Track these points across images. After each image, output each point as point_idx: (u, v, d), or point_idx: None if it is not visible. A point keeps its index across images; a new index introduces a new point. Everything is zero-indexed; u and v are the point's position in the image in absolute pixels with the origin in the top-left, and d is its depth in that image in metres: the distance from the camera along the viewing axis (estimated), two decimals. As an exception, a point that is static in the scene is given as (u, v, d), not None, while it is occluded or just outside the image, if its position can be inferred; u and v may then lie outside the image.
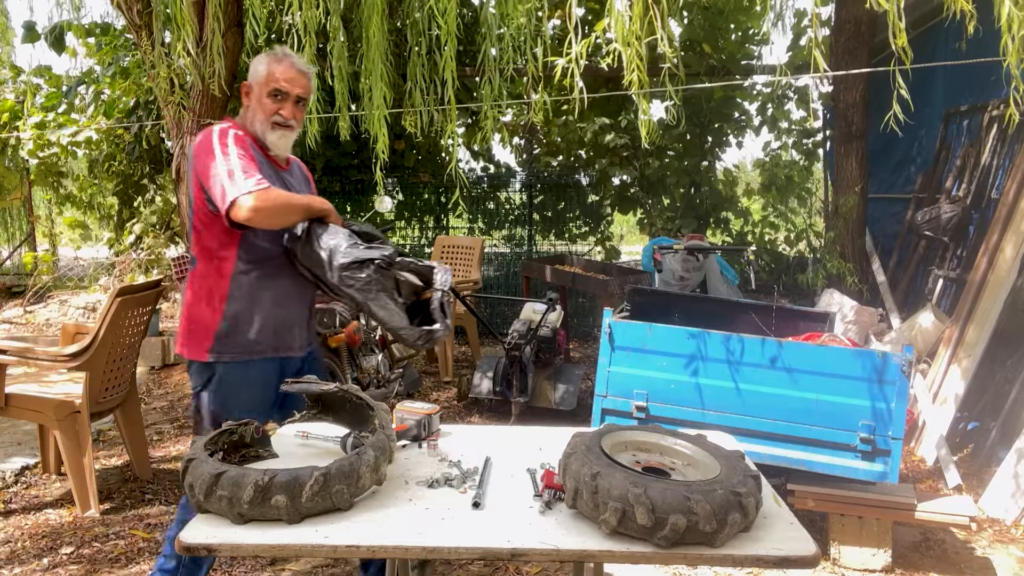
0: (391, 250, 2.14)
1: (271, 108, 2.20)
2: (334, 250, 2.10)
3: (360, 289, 2.10)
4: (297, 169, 2.44)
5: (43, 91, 8.36)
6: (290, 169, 2.38)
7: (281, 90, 2.20)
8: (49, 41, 7.67)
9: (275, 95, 2.20)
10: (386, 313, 2.12)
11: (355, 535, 1.36)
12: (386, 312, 2.12)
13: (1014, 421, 3.84)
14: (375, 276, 2.08)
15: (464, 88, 7.03)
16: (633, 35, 2.78)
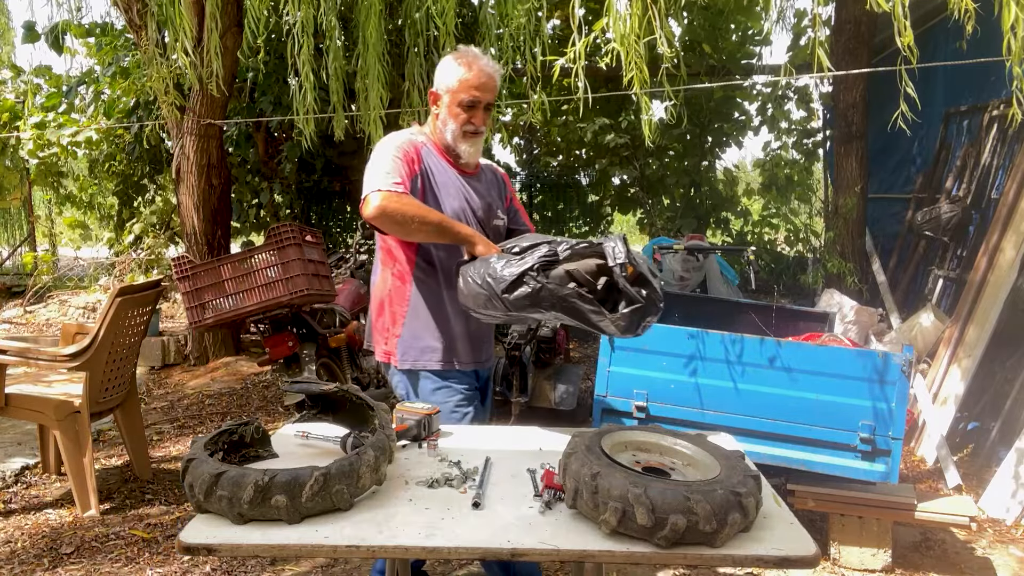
0: (546, 247, 1.88)
1: (463, 118, 2.14)
2: (490, 279, 1.86)
3: (535, 306, 1.82)
4: (488, 173, 2.36)
5: (43, 91, 8.36)
6: (478, 174, 2.30)
7: (473, 100, 2.13)
8: (49, 41, 7.67)
9: (467, 105, 2.13)
10: (580, 316, 1.82)
11: (355, 535, 1.36)
12: (579, 315, 1.82)
13: (1014, 421, 3.84)
14: (541, 283, 1.80)
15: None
16: (632, 35, 2.78)
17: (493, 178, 2.37)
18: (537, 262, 1.83)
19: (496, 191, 2.34)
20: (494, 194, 2.32)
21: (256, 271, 3.52)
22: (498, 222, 2.31)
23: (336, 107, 4.08)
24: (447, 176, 2.19)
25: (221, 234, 6.04)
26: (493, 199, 2.31)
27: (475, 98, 2.13)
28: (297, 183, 8.02)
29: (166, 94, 5.05)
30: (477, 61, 2.14)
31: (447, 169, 2.20)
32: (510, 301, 1.82)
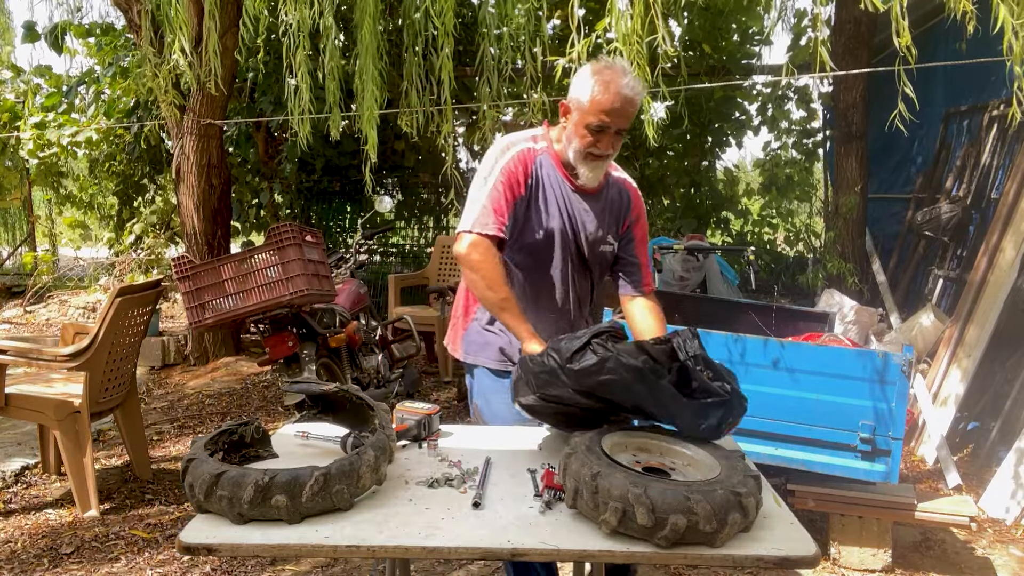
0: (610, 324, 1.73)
1: (588, 140, 1.97)
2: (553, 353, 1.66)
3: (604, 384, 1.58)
4: (614, 192, 2.16)
5: (43, 91, 8.36)
6: (600, 193, 2.12)
7: (601, 125, 1.94)
8: (49, 41, 7.67)
9: (595, 129, 1.95)
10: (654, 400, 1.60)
11: (355, 535, 1.36)
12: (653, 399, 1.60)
13: (1014, 421, 3.84)
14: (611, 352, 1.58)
15: (464, 88, 7.03)
16: (634, 34, 2.78)
17: (617, 198, 2.16)
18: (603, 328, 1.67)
19: (615, 213, 2.15)
20: (610, 217, 2.13)
21: (256, 271, 3.51)
22: (606, 248, 2.15)
23: (332, 107, 4.08)
24: (556, 193, 2.06)
25: (221, 234, 6.04)
26: (606, 223, 2.12)
27: (604, 123, 1.94)
28: (297, 183, 8.02)
29: (165, 93, 5.05)
30: (616, 80, 1.92)
31: (559, 185, 2.07)
32: (575, 372, 1.59)
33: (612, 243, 2.16)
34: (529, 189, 2.05)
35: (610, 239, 2.15)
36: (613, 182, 2.17)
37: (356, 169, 7.82)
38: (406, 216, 8.37)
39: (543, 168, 2.07)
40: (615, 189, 2.17)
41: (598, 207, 2.11)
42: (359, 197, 8.11)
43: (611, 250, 2.17)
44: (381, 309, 6.63)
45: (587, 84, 1.94)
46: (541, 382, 1.68)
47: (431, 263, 6.68)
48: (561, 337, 1.70)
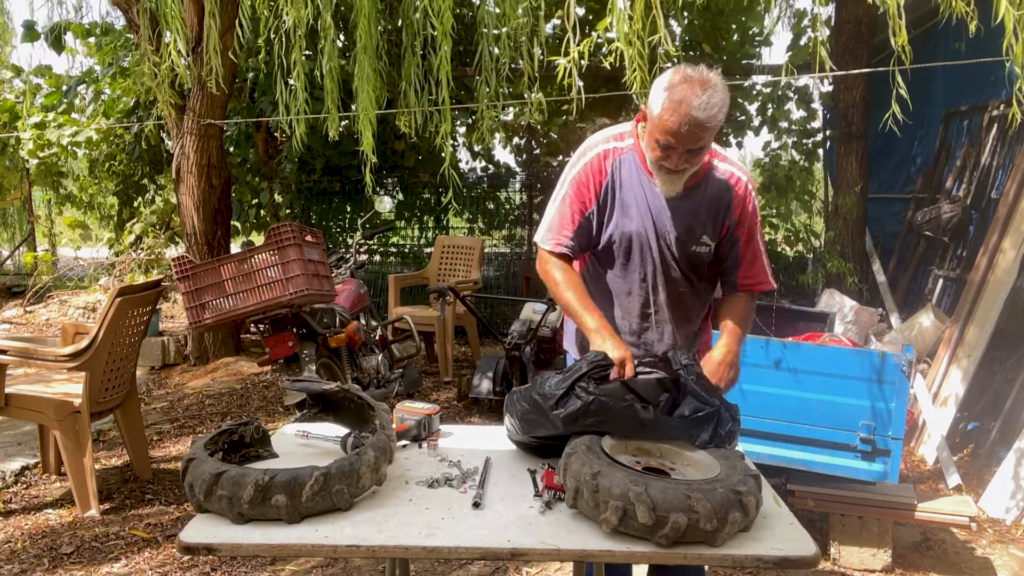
0: (598, 355, 1.70)
1: (657, 155, 1.86)
2: (538, 396, 1.66)
3: (591, 425, 1.59)
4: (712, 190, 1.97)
5: (43, 91, 8.36)
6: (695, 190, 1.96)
7: (667, 144, 1.82)
8: (49, 41, 7.67)
9: (662, 146, 1.83)
10: (642, 432, 1.63)
11: (355, 535, 1.36)
12: (641, 431, 1.62)
13: (1014, 421, 3.84)
14: (593, 395, 1.58)
15: (464, 88, 7.03)
16: (634, 34, 2.79)
17: (716, 196, 1.97)
18: (588, 368, 1.64)
19: (712, 212, 1.97)
20: (705, 216, 1.97)
21: (256, 271, 3.51)
22: (700, 249, 1.99)
23: (330, 107, 4.08)
24: (636, 193, 1.97)
25: (221, 234, 6.04)
26: (700, 222, 1.97)
27: (669, 143, 1.81)
28: (297, 183, 8.02)
29: (161, 91, 5.05)
30: (688, 100, 1.75)
31: (642, 185, 1.97)
32: (561, 419, 1.59)
33: (708, 243, 1.99)
34: (603, 195, 1.98)
35: (705, 239, 1.99)
36: (715, 178, 1.97)
37: (356, 169, 7.82)
38: (406, 216, 8.37)
39: (623, 167, 1.98)
40: (716, 186, 1.97)
41: (689, 206, 1.96)
42: (359, 197, 8.10)
43: (706, 251, 2.00)
44: (381, 309, 6.63)
45: (659, 97, 1.81)
46: (529, 423, 1.71)
47: (431, 263, 6.69)
48: (548, 377, 1.69)
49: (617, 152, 2.00)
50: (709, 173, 1.97)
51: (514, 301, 7.01)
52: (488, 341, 6.98)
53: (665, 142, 1.81)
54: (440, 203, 8.20)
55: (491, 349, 6.72)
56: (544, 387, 1.66)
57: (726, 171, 1.98)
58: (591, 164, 2.00)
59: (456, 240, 6.92)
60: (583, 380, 1.62)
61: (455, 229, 8.44)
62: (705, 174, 1.97)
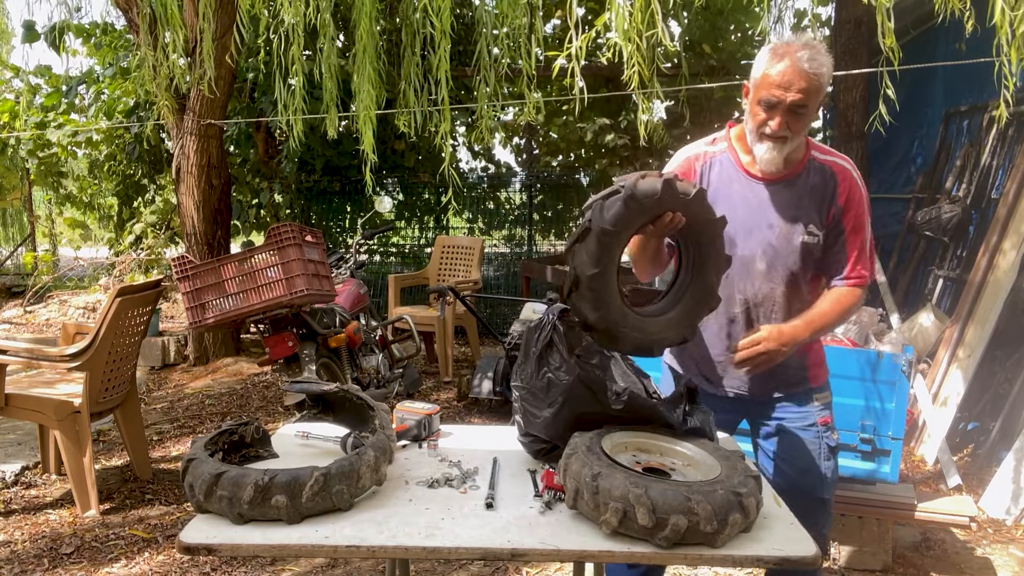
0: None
1: (760, 119, 1.84)
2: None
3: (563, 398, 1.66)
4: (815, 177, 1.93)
5: (43, 91, 8.36)
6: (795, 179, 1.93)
7: (771, 100, 1.80)
8: (49, 41, 7.67)
9: (766, 105, 1.82)
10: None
11: (355, 535, 1.36)
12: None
13: (1014, 421, 3.84)
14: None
15: (464, 88, 7.03)
16: (634, 30, 2.78)
17: (820, 183, 1.93)
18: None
19: (816, 201, 1.92)
20: (809, 205, 1.92)
21: (256, 271, 3.51)
22: (807, 239, 1.92)
23: (329, 107, 4.08)
24: (727, 188, 1.94)
25: (221, 234, 6.04)
26: (805, 211, 1.92)
27: (775, 98, 1.79)
28: (297, 183, 8.02)
29: (164, 91, 5.05)
30: (792, 53, 1.78)
31: (734, 179, 1.94)
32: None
33: (816, 233, 1.92)
34: None
35: (813, 229, 1.92)
36: (817, 166, 1.93)
37: (356, 169, 7.82)
38: (406, 216, 8.37)
39: (714, 169, 1.97)
40: (818, 174, 1.93)
41: (790, 196, 1.92)
42: (359, 197, 8.10)
43: (815, 242, 1.92)
44: (381, 309, 6.63)
45: (761, 59, 1.84)
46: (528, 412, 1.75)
47: (431, 263, 6.69)
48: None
49: (708, 155, 1.99)
50: (811, 163, 1.93)
51: (514, 301, 7.01)
52: (488, 341, 6.98)
53: (768, 97, 1.80)
54: (440, 203, 8.20)
55: (491, 349, 6.72)
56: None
57: (829, 160, 1.95)
58: (679, 167, 2.01)
59: (456, 240, 6.92)
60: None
61: (455, 229, 8.44)
62: (807, 164, 1.93)
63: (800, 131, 1.84)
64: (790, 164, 1.91)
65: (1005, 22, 2.50)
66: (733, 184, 1.94)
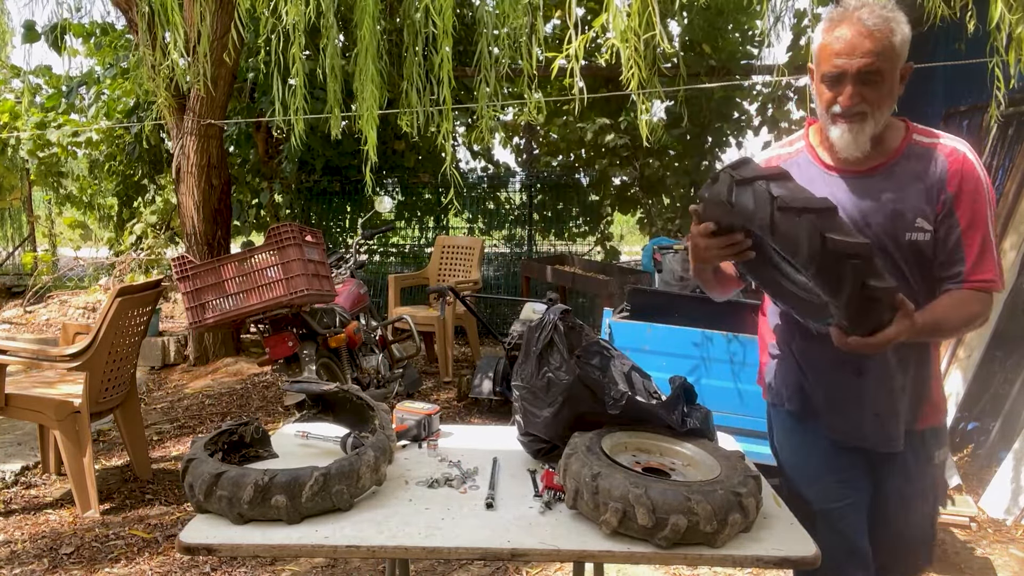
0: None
1: (827, 97, 1.60)
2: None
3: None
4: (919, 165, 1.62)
5: (43, 91, 8.36)
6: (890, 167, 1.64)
7: (834, 72, 1.57)
8: (49, 41, 7.67)
9: (831, 80, 1.59)
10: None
11: (355, 535, 1.36)
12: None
13: (1014, 421, 3.84)
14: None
15: (464, 88, 7.03)
16: (631, 31, 2.78)
17: (925, 170, 1.62)
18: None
19: (924, 190, 1.61)
20: (915, 195, 1.61)
21: (256, 271, 3.52)
22: (917, 237, 1.61)
23: (332, 107, 4.08)
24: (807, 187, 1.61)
25: (221, 234, 6.04)
26: (910, 204, 1.61)
27: (837, 68, 1.56)
28: (297, 183, 8.02)
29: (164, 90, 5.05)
30: (849, 15, 1.55)
31: (815, 178, 1.67)
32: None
33: (927, 229, 1.61)
34: None
35: (922, 224, 1.60)
36: (919, 151, 1.64)
37: (356, 169, 7.83)
38: (406, 216, 8.38)
39: (793, 167, 1.71)
40: (925, 159, 1.63)
41: (888, 187, 1.62)
42: (359, 197, 8.11)
43: (927, 239, 1.61)
44: (381, 309, 6.63)
45: (818, 31, 1.63)
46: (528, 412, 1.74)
47: (431, 263, 6.69)
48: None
49: (782, 158, 1.77)
50: (911, 148, 1.65)
51: (514, 301, 7.01)
52: (488, 341, 6.98)
53: (831, 70, 1.57)
54: (440, 203, 8.20)
55: (491, 349, 6.72)
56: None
57: (938, 143, 1.65)
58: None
59: (456, 240, 6.92)
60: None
61: (455, 229, 8.44)
62: (905, 148, 1.65)
63: (880, 103, 1.57)
64: (884, 150, 1.65)
65: (1004, 24, 2.51)
66: (815, 184, 1.63)
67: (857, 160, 1.64)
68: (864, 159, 1.64)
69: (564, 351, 1.65)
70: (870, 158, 1.64)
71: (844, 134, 1.60)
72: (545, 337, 1.68)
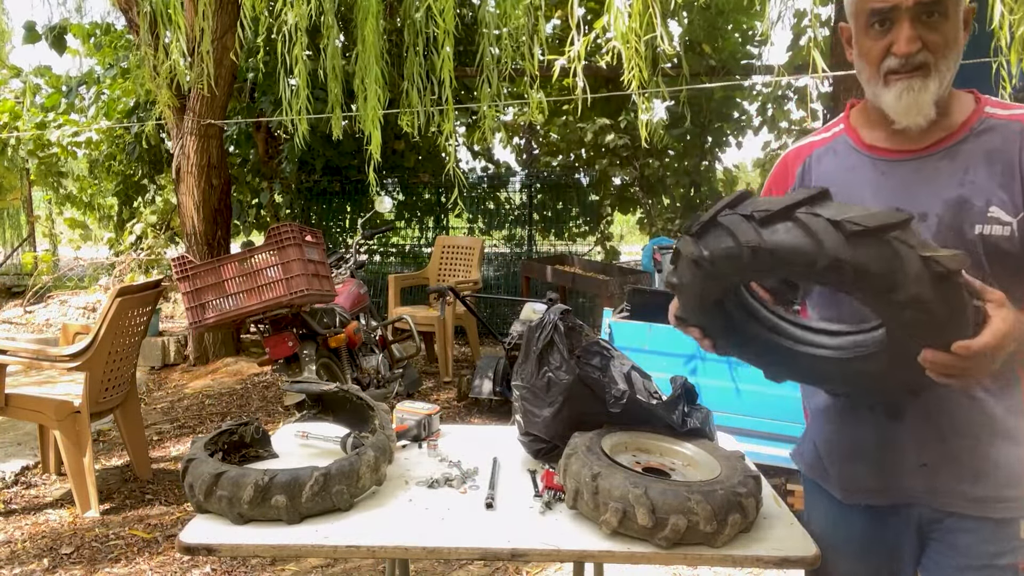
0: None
1: (876, 51, 1.26)
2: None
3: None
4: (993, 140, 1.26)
5: (43, 91, 8.37)
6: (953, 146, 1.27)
7: (883, 9, 1.22)
8: (49, 41, 7.68)
9: (875, 24, 1.25)
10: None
11: (355, 535, 1.36)
12: None
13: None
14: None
15: (465, 88, 7.04)
16: (632, 32, 2.79)
17: (1001, 146, 1.25)
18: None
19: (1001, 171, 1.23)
20: (987, 177, 1.24)
21: (256, 271, 3.52)
22: (991, 230, 1.22)
23: (333, 107, 4.08)
24: (845, 178, 1.35)
25: (221, 234, 6.04)
26: (978, 189, 1.24)
27: (885, 6, 1.22)
28: (297, 183, 8.03)
29: (167, 89, 5.06)
30: None
31: (855, 165, 1.35)
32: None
33: (1006, 221, 1.22)
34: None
35: (998, 214, 1.22)
36: (993, 123, 1.27)
37: (356, 169, 7.84)
38: (406, 216, 8.38)
39: (823, 162, 1.41)
40: (999, 133, 1.26)
41: (951, 169, 1.26)
42: (359, 197, 8.11)
43: (1006, 233, 1.22)
44: (381, 309, 6.64)
45: None
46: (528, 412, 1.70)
47: (431, 263, 6.69)
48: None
49: (812, 147, 1.44)
50: (982, 122, 1.28)
51: (514, 301, 7.01)
52: (488, 341, 6.98)
53: (879, 8, 1.22)
54: (440, 203, 8.21)
55: (491, 349, 6.72)
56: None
57: (1015, 114, 1.28)
58: (774, 174, 1.49)
59: (456, 240, 6.92)
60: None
61: (455, 229, 8.44)
62: (976, 121, 1.28)
63: (945, 51, 1.22)
64: (948, 124, 1.29)
65: (1005, 24, 2.51)
66: (856, 172, 1.34)
67: (915, 136, 1.29)
68: (921, 135, 1.29)
69: (564, 351, 1.65)
70: (929, 133, 1.28)
71: (903, 95, 1.24)
72: (545, 337, 1.68)
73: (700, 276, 1.16)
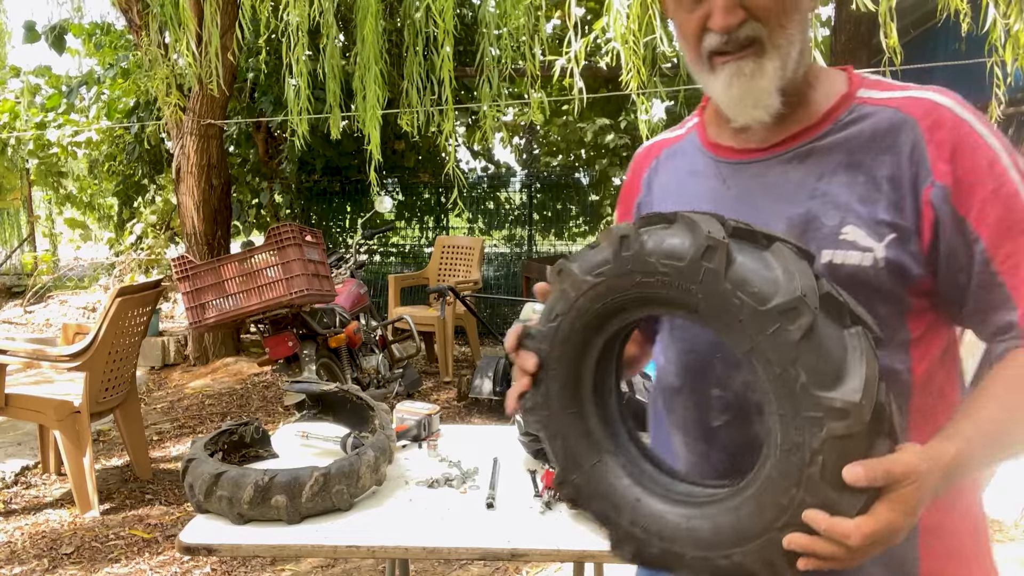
0: None
1: (691, 25, 0.96)
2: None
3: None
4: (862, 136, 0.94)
5: (43, 91, 8.37)
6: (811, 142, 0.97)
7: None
8: (49, 41, 7.68)
9: (689, 2, 0.95)
10: None
11: (355, 535, 1.36)
12: None
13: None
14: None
15: (464, 88, 7.03)
16: (631, 33, 2.79)
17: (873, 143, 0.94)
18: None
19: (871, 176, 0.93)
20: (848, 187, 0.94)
21: (256, 271, 3.52)
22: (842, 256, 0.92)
23: (332, 106, 4.08)
24: (682, 186, 1.10)
25: (221, 234, 6.04)
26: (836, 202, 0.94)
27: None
28: (297, 183, 8.03)
29: (167, 95, 5.06)
30: None
31: (697, 168, 1.08)
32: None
33: (867, 245, 0.91)
34: (646, 187, 1.17)
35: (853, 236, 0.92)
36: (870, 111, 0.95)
37: (356, 169, 7.84)
38: (406, 216, 8.38)
39: (670, 163, 1.14)
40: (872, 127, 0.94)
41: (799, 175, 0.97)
42: (359, 197, 8.11)
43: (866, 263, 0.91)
44: (381, 309, 6.64)
45: None
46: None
47: (431, 263, 6.69)
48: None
49: (663, 144, 1.17)
50: (855, 109, 0.97)
51: (514, 301, 7.01)
52: (488, 341, 6.99)
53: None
54: (440, 203, 8.21)
55: (491, 349, 6.72)
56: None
57: (899, 98, 0.95)
58: (628, 173, 1.24)
59: (456, 240, 6.92)
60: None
61: (455, 229, 8.45)
62: (844, 112, 0.97)
63: (782, 18, 0.92)
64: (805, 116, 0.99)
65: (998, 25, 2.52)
66: (698, 178, 1.07)
67: (761, 132, 1.00)
68: (769, 131, 0.99)
69: None
70: (781, 127, 0.99)
71: (733, 82, 0.94)
72: None
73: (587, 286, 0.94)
